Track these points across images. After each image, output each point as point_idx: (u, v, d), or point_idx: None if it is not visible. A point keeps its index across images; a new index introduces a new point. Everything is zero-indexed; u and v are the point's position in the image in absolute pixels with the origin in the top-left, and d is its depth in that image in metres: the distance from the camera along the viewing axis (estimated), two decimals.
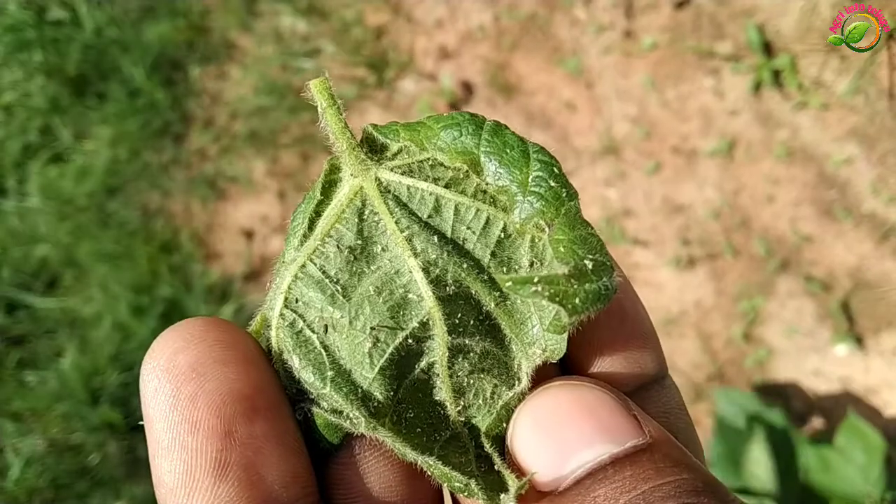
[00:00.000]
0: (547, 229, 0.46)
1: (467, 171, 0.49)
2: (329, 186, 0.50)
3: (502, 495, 0.44)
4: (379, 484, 0.49)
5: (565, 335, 0.46)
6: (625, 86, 2.38)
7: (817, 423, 2.13)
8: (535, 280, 0.42)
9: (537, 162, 0.48)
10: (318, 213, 0.50)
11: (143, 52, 2.72)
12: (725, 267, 2.27)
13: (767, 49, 2.29)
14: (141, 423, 0.44)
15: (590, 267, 0.44)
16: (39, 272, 2.73)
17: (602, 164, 2.35)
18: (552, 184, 0.47)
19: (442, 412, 0.48)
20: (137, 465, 2.47)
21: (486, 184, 0.49)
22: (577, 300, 0.43)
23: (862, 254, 2.19)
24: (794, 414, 2.15)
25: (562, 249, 0.45)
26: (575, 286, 0.43)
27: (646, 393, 0.52)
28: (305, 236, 0.49)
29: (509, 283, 0.43)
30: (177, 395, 0.42)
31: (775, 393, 2.15)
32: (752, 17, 2.30)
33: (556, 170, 0.47)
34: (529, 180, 0.47)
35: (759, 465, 1.82)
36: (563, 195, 0.47)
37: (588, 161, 2.35)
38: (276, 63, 2.63)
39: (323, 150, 2.57)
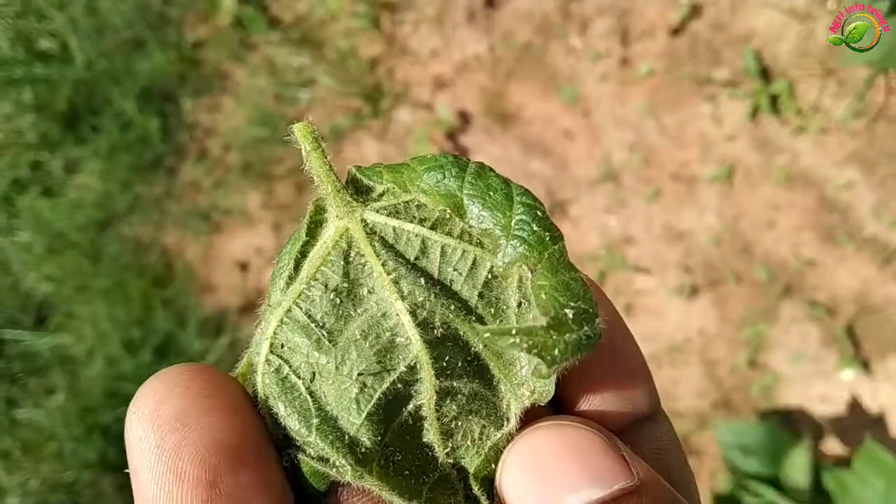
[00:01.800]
0: (529, 275, 0.46)
1: (450, 215, 0.50)
2: (314, 227, 0.51)
3: None
4: None
5: (553, 378, 0.46)
6: (622, 113, 2.40)
7: (827, 448, 2.14)
8: (513, 332, 0.43)
9: (520, 205, 0.48)
10: (303, 255, 0.50)
11: (134, 84, 2.74)
12: (728, 293, 2.28)
13: (765, 74, 2.33)
14: (127, 470, 0.45)
15: (570, 316, 0.44)
16: (29, 307, 2.72)
17: (601, 192, 2.36)
18: (535, 227, 0.47)
19: (430, 454, 0.48)
20: (132, 502, 2.44)
21: (470, 227, 0.49)
22: (556, 351, 0.43)
23: (865, 278, 2.21)
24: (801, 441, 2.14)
25: (543, 297, 0.45)
26: (554, 337, 0.43)
27: (638, 429, 0.52)
28: (291, 278, 0.50)
29: (487, 335, 0.44)
30: (161, 445, 0.42)
31: (783, 419, 2.15)
32: (748, 42, 2.34)
33: (539, 213, 0.48)
34: (512, 224, 0.48)
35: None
36: (547, 239, 0.47)
37: (587, 189, 2.37)
38: (269, 94, 2.66)
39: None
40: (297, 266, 0.50)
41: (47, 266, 2.71)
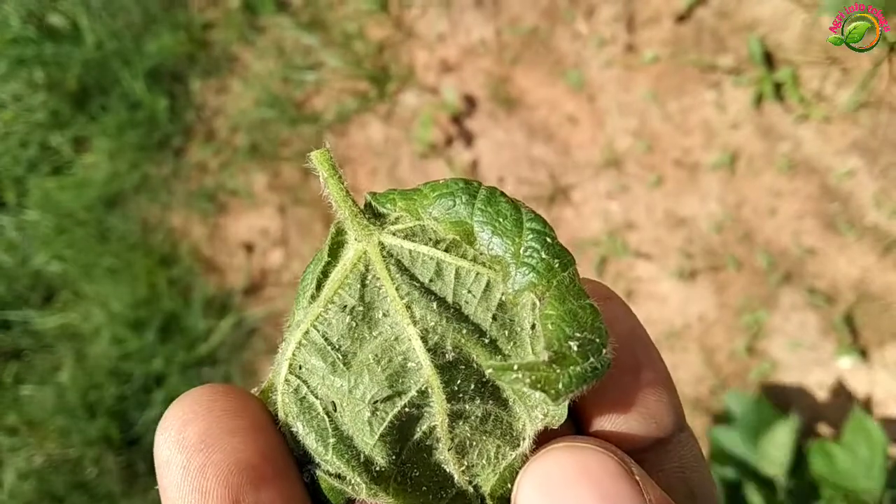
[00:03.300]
0: (538, 303, 0.48)
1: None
2: (336, 248, 0.53)
3: None
4: None
5: (566, 403, 0.47)
6: (626, 99, 2.45)
7: (821, 433, 2.18)
8: (515, 368, 0.44)
9: (530, 231, 0.49)
10: (325, 275, 0.53)
11: (143, 65, 2.80)
12: (728, 280, 2.33)
13: (769, 62, 2.37)
14: (157, 487, 0.49)
15: (575, 348, 0.45)
16: (37, 286, 2.78)
17: (604, 178, 2.41)
18: (544, 255, 0.48)
19: (447, 470, 0.50)
20: (134, 479, 2.52)
21: (480, 254, 0.51)
22: (559, 385, 0.44)
23: (865, 266, 2.25)
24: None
25: (550, 327, 0.46)
26: (557, 371, 0.44)
27: (661, 447, 0.53)
28: (314, 297, 0.52)
29: (490, 371, 0.46)
30: (187, 466, 0.46)
31: (779, 406, 2.19)
32: (753, 30, 2.38)
33: (548, 239, 0.49)
34: (521, 251, 0.49)
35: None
36: (556, 266, 0.48)
37: (590, 174, 2.42)
38: (277, 76, 2.71)
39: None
40: (319, 286, 0.52)
41: (55, 245, 2.78)
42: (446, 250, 0.51)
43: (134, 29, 2.89)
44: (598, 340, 0.46)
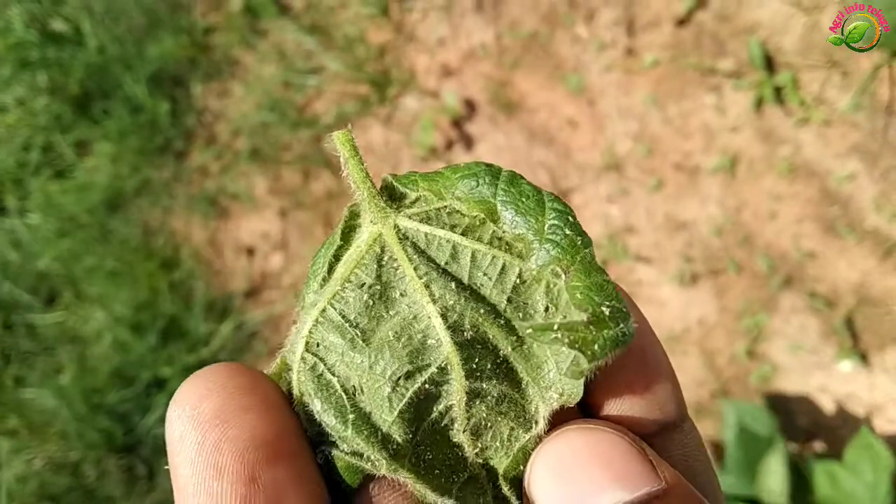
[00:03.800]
0: (563, 276, 0.49)
1: (483, 219, 0.53)
2: (349, 232, 0.54)
3: None
4: None
5: (582, 380, 0.48)
6: (626, 103, 2.46)
7: (822, 439, 2.18)
8: (555, 327, 0.46)
9: (552, 210, 0.51)
10: (337, 258, 0.53)
11: (145, 69, 2.82)
12: (728, 283, 2.33)
13: (769, 66, 2.38)
14: (167, 467, 0.48)
15: (607, 313, 0.47)
16: (39, 288, 2.80)
17: (604, 181, 2.42)
18: (567, 232, 0.50)
19: (460, 454, 0.51)
20: (135, 482, 2.52)
21: (503, 231, 0.52)
22: (595, 346, 0.46)
23: (865, 270, 2.26)
24: (799, 430, 2.20)
25: (578, 296, 0.48)
26: (594, 333, 0.46)
27: (666, 435, 0.53)
28: (325, 280, 0.53)
29: (530, 331, 0.48)
30: (202, 441, 0.45)
31: (779, 410, 2.20)
32: (753, 33, 2.39)
33: (570, 218, 0.50)
34: (545, 228, 0.50)
35: (776, 478, 1.87)
36: (579, 243, 0.49)
37: (590, 178, 2.43)
38: (278, 80, 2.73)
39: (324, 168, 2.66)
40: (331, 269, 0.53)
41: (57, 247, 2.79)
42: (462, 234, 0.52)
43: (136, 33, 2.91)
44: (624, 309, 0.48)
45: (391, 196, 0.54)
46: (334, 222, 2.86)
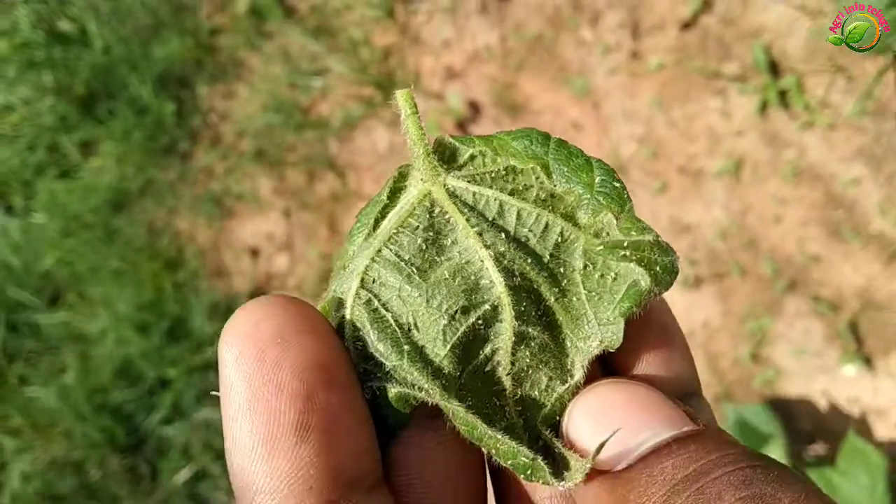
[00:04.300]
0: (615, 220, 0.52)
1: (526, 185, 0.56)
2: (395, 192, 0.56)
3: (566, 473, 0.47)
4: (437, 468, 0.53)
5: (622, 326, 0.51)
6: (631, 106, 2.47)
7: (824, 443, 2.19)
8: (625, 244, 0.51)
9: (599, 169, 0.54)
10: (383, 216, 0.56)
11: (151, 70, 2.83)
12: (733, 287, 2.34)
13: (774, 69, 2.39)
14: (214, 392, 0.50)
15: (663, 245, 0.51)
16: (44, 288, 2.81)
17: None
18: (615, 185, 0.54)
19: (498, 403, 0.53)
20: (139, 482, 2.53)
21: (554, 185, 0.55)
22: (658, 268, 0.50)
23: (870, 274, 2.26)
24: (801, 435, 2.21)
25: (634, 233, 0.52)
26: (657, 255, 0.50)
27: (685, 402, 0.55)
28: (370, 234, 0.55)
29: (601, 247, 0.52)
30: (261, 358, 0.45)
31: (783, 414, 2.20)
32: (758, 37, 2.40)
33: (615, 176, 0.54)
34: (595, 182, 0.54)
35: None
36: (625, 196, 0.53)
37: None
38: (284, 82, 2.75)
39: (329, 169, 2.67)
40: (377, 225, 0.55)
41: (61, 247, 2.81)
42: (510, 194, 0.55)
43: (142, 34, 2.93)
44: (670, 247, 0.52)
45: (441, 158, 0.57)
46: (339, 224, 2.89)
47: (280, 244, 2.70)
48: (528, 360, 0.52)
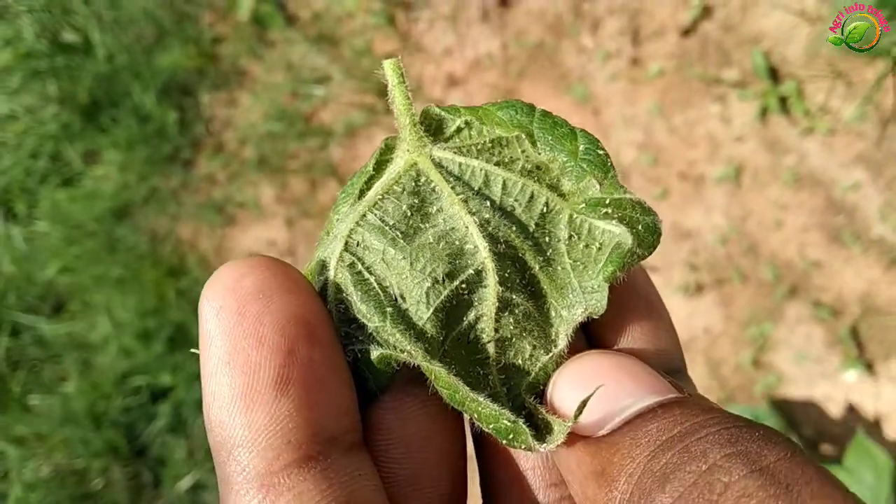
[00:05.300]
0: (598, 186, 0.53)
1: (512, 158, 0.56)
2: (382, 164, 0.56)
3: (548, 437, 0.47)
4: (417, 433, 0.52)
5: (605, 292, 0.52)
6: (632, 112, 2.49)
7: (827, 449, 2.20)
8: (607, 202, 0.51)
9: (584, 138, 0.55)
10: (368, 186, 0.55)
11: (153, 78, 2.86)
12: (734, 293, 2.35)
13: (774, 76, 2.41)
14: (193, 350, 0.49)
15: (643, 205, 0.52)
16: (46, 296, 2.83)
17: None
18: (599, 152, 0.54)
19: (481, 372, 0.52)
20: (141, 490, 2.54)
21: (539, 154, 0.55)
22: (640, 227, 0.51)
23: (871, 279, 2.27)
24: (804, 440, 2.21)
25: (616, 195, 0.52)
26: (638, 214, 0.51)
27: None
28: (355, 204, 0.55)
29: (583, 206, 0.52)
30: (242, 312, 0.45)
31: (785, 418, 2.21)
32: (758, 44, 2.42)
33: (599, 144, 0.54)
34: (579, 150, 0.54)
35: None
36: (609, 164, 0.54)
37: None
38: (286, 90, 2.77)
39: (331, 177, 2.68)
40: (362, 195, 0.55)
41: (64, 255, 2.82)
42: (496, 165, 0.55)
43: (144, 43, 2.96)
44: (652, 209, 0.53)
45: (427, 130, 0.57)
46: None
47: (282, 252, 2.72)
48: (511, 328, 0.52)
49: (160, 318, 2.69)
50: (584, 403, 0.45)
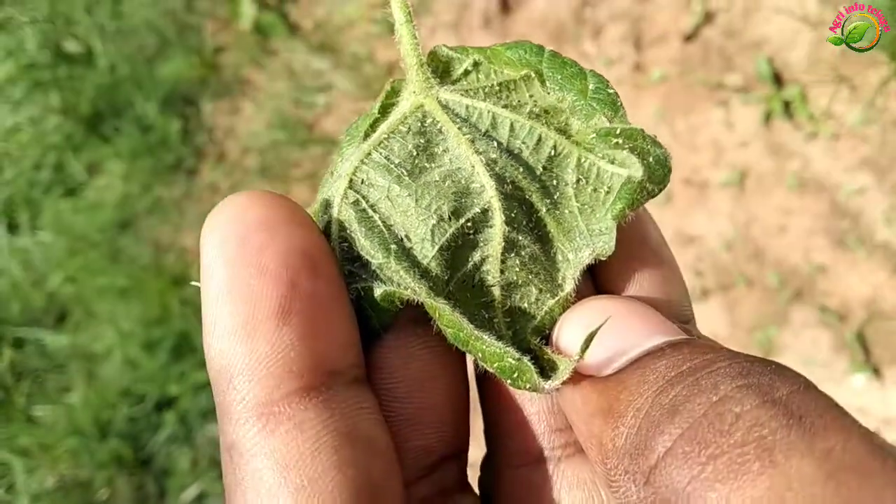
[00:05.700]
0: (608, 123, 0.52)
1: (520, 101, 0.55)
2: (387, 107, 0.55)
3: (553, 375, 0.47)
4: (420, 372, 0.52)
5: (614, 234, 0.51)
6: (634, 118, 2.49)
7: None
8: (618, 132, 0.51)
9: (594, 78, 0.54)
10: (373, 129, 0.54)
11: (156, 88, 2.87)
12: (739, 298, 2.35)
13: (777, 80, 2.41)
14: (194, 283, 0.49)
15: (653, 137, 0.52)
16: (49, 307, 2.83)
17: None
18: (609, 91, 0.53)
19: (486, 315, 0.52)
20: (146, 500, 2.54)
21: (548, 93, 0.55)
22: (650, 158, 0.51)
23: (876, 284, 2.27)
24: None
25: (625, 127, 0.52)
26: (649, 145, 0.51)
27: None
28: (360, 145, 0.54)
29: (593, 135, 0.52)
30: (244, 243, 0.44)
31: None
32: (761, 49, 2.43)
33: (608, 83, 0.54)
34: (589, 89, 0.53)
35: None
36: (619, 103, 0.53)
37: None
38: (288, 98, 2.78)
39: None
40: (366, 138, 0.54)
41: (68, 266, 2.83)
42: (504, 108, 0.54)
43: (147, 53, 2.97)
44: (660, 143, 0.53)
45: (434, 72, 0.56)
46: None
47: None
48: (517, 270, 0.52)
49: (164, 328, 2.69)
50: (590, 337, 0.44)
